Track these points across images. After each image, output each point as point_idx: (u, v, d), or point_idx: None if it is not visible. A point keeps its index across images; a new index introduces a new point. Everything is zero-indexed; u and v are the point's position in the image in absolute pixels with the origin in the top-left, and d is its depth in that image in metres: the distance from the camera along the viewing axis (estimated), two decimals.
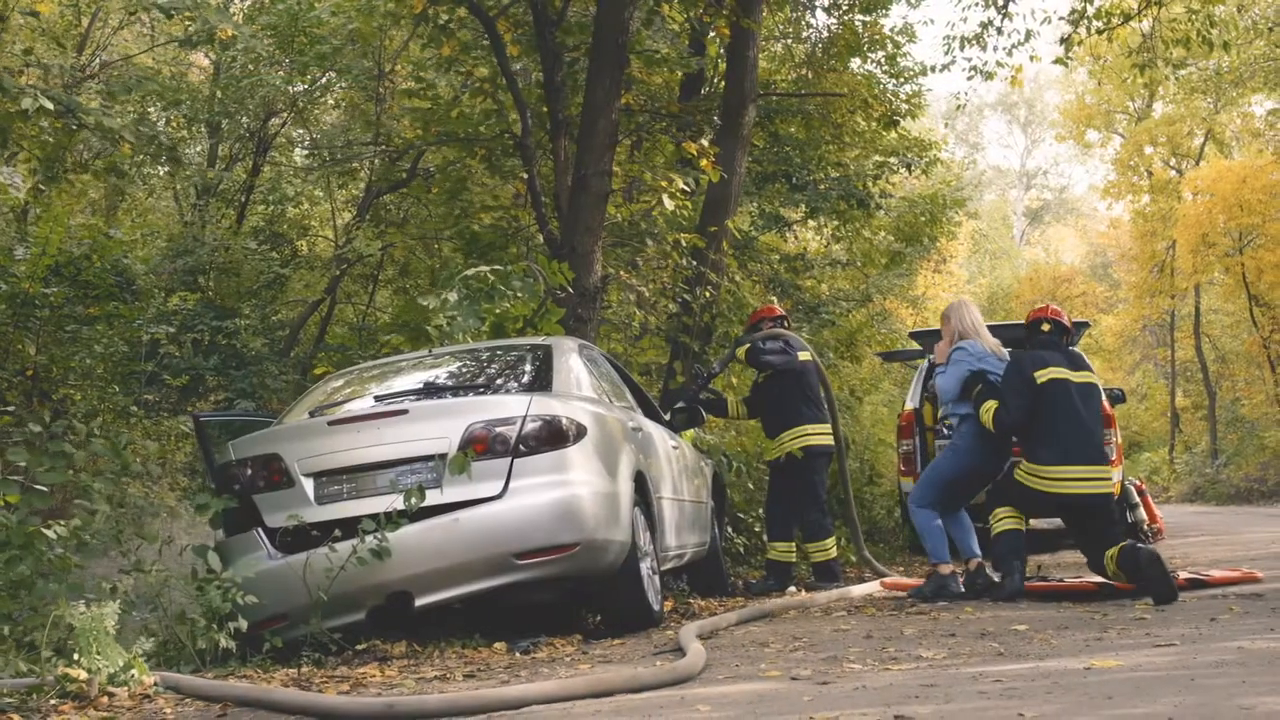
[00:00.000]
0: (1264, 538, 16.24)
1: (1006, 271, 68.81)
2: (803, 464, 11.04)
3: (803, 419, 11.05)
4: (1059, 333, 9.29)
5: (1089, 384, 8.97)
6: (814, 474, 11.11)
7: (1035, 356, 9.10)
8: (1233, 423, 44.19)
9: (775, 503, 11.40)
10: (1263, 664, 4.93)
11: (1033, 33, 18.25)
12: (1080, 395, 8.87)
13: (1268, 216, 40.38)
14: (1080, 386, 8.91)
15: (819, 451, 11.09)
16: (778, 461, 11.19)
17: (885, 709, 4.07)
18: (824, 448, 11.14)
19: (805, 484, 11.09)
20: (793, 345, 11.31)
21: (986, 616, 7.66)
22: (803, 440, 10.99)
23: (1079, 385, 8.92)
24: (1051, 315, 9.41)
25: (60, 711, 5.09)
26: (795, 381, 11.17)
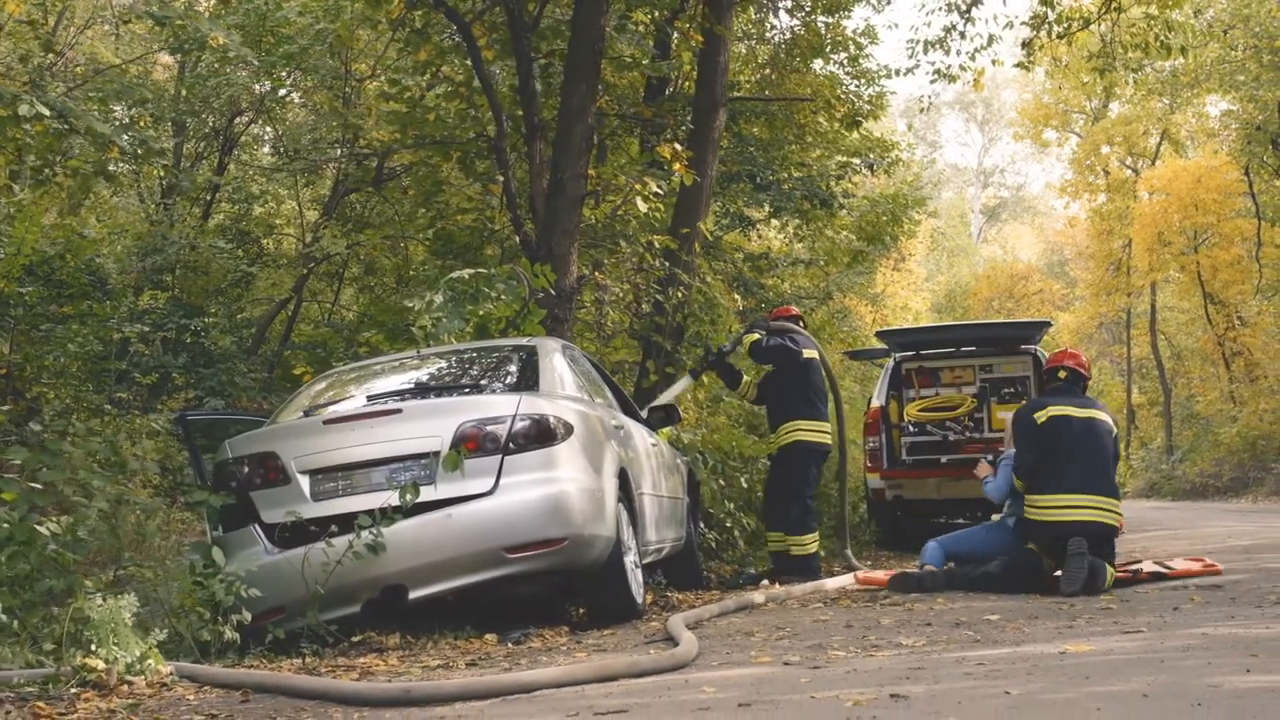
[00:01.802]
0: (1220, 532, 16.62)
1: (964, 269, 69.29)
2: (791, 459, 11.30)
3: (799, 414, 11.30)
4: (1075, 380, 9.51)
5: (1092, 419, 9.13)
6: (801, 469, 11.36)
7: (1036, 402, 9.48)
8: (1188, 419, 44.74)
9: (768, 494, 11.71)
10: (1226, 648, 5.23)
11: (995, 37, 18.53)
12: (1083, 429, 9.08)
13: (1222, 216, 40.96)
14: (1082, 421, 9.12)
15: (808, 448, 11.34)
16: (775, 454, 11.46)
17: (880, 689, 4.35)
18: (815, 444, 11.38)
19: (791, 478, 11.34)
20: (798, 343, 11.56)
21: (959, 607, 7.94)
22: (795, 435, 11.25)
23: (1081, 420, 9.14)
24: (1070, 363, 9.63)
25: (84, 699, 5.31)
26: (798, 378, 11.43)
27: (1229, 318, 42.16)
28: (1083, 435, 9.07)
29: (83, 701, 5.25)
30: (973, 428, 15.03)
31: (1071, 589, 8.42)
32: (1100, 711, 3.75)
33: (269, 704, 5.11)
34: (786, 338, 11.51)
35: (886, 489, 14.74)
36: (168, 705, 5.18)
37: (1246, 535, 15.32)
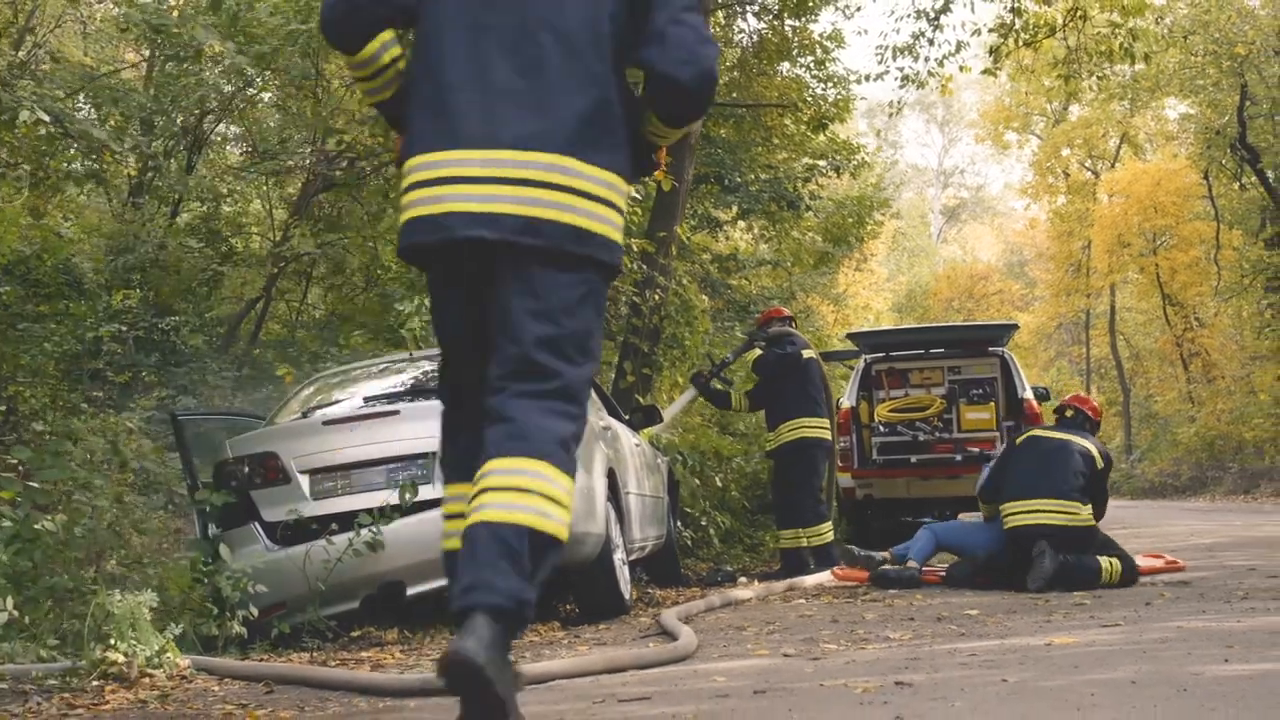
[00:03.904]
0: (1182, 530, 17.00)
1: (924, 269, 69.80)
2: (800, 454, 11.54)
3: (801, 413, 11.55)
4: (1080, 420, 9.84)
5: (1067, 441, 9.42)
6: (810, 463, 11.60)
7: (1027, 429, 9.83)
8: (1146, 419, 45.32)
9: (778, 493, 11.95)
10: (1202, 639, 5.51)
11: (963, 44, 18.87)
12: (1053, 446, 9.44)
13: (1180, 218, 41.51)
14: (1056, 441, 9.48)
15: (814, 442, 11.58)
16: (778, 453, 11.70)
17: (884, 677, 4.62)
18: (820, 439, 11.62)
19: (800, 472, 11.59)
20: (798, 344, 11.83)
21: (938, 602, 8.21)
22: (800, 432, 11.50)
23: (1055, 439, 9.52)
24: (1077, 404, 10.04)
25: (111, 691, 5.52)
26: (797, 378, 11.67)
27: (1187, 319, 42.74)
28: (1051, 451, 9.40)
29: (111, 693, 5.46)
30: (942, 428, 15.31)
31: (1034, 585, 8.70)
32: (1094, 697, 4.02)
33: (293, 694, 5.33)
34: (786, 343, 11.78)
35: (857, 488, 15.01)
36: (195, 696, 5.40)
37: (1208, 533, 15.70)
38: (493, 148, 3.75)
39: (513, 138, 3.75)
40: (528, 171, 3.72)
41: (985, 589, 9.00)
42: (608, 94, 3.83)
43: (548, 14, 3.83)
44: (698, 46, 3.81)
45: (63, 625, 6.72)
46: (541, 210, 3.71)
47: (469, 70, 3.83)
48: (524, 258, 3.74)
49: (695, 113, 4.04)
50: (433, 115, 3.85)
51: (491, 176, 3.73)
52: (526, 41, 3.82)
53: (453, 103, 3.82)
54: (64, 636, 6.62)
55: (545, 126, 3.76)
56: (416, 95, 3.92)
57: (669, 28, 3.80)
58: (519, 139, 3.75)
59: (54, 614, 6.82)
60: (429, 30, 3.92)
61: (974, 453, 14.79)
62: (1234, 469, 35.92)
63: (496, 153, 3.74)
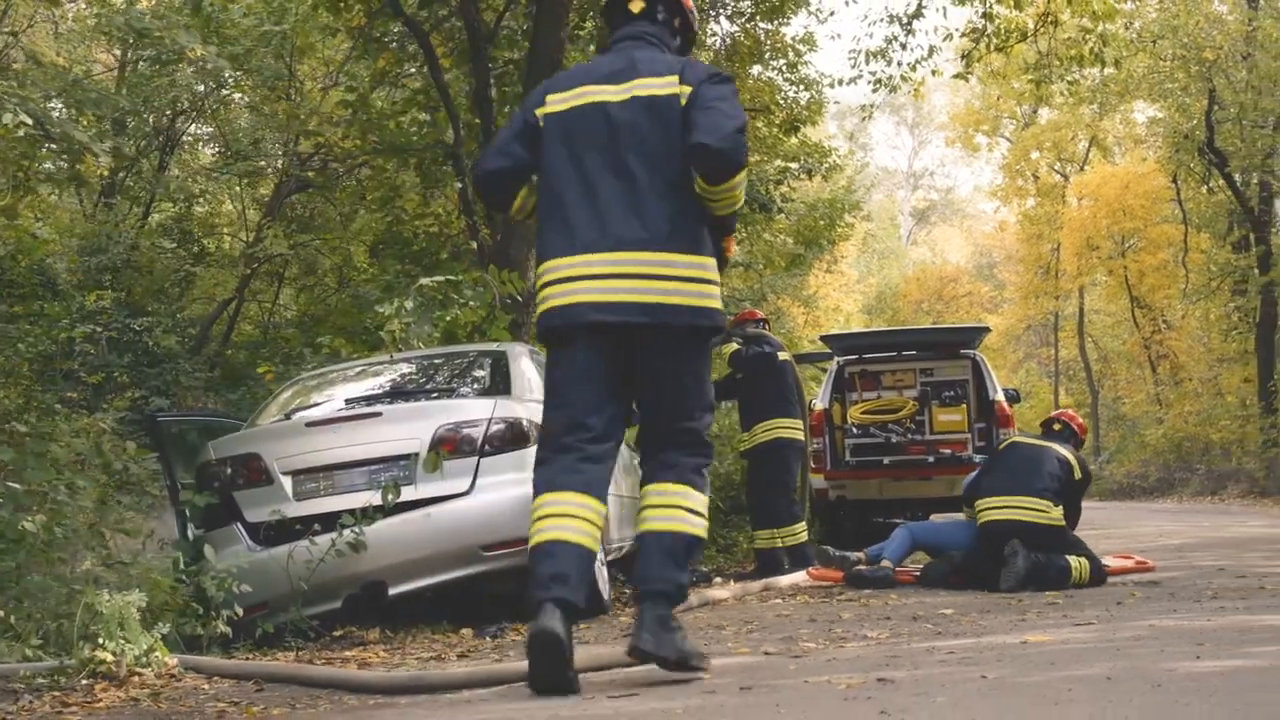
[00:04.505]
0: (1151, 530, 17.18)
1: (894, 271, 70.04)
2: (774, 454, 11.63)
3: (776, 413, 11.62)
4: (1067, 433, 10.10)
5: (1046, 448, 9.59)
6: (784, 463, 11.68)
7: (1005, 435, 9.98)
8: (1115, 421, 45.61)
9: (753, 493, 12.02)
10: (1174, 637, 5.63)
11: (936, 49, 19.01)
12: (1031, 450, 9.63)
13: (1149, 221, 41.82)
14: (1034, 446, 9.67)
15: (788, 443, 11.66)
16: (752, 453, 11.78)
17: (866, 674, 4.72)
18: (794, 440, 11.71)
19: (775, 473, 11.67)
20: (774, 345, 11.92)
21: (913, 602, 8.32)
22: (775, 433, 11.58)
23: (1033, 445, 9.72)
24: (1064, 418, 10.36)
25: (101, 690, 5.59)
26: (772, 379, 11.76)
27: (1155, 321, 43.06)
28: (1028, 454, 9.56)
29: (102, 691, 5.53)
30: (914, 430, 15.43)
31: (1007, 585, 8.82)
32: (1071, 692, 4.13)
33: (284, 692, 5.40)
34: (763, 343, 11.87)
35: (830, 489, 15.10)
36: (185, 694, 5.47)
37: (1176, 534, 15.87)
38: (604, 251, 4.98)
39: (617, 241, 4.98)
40: (631, 267, 4.96)
41: (959, 589, 9.11)
42: (686, 195, 5.05)
43: (631, 142, 5.07)
44: (722, 120, 4.95)
45: (46, 625, 6.77)
46: (645, 296, 4.95)
47: (581, 193, 5.05)
48: (642, 335, 4.98)
49: (727, 170, 4.97)
50: (558, 230, 5.07)
51: (605, 274, 4.95)
52: (620, 166, 5.06)
53: (571, 219, 5.04)
54: (47, 636, 6.68)
55: (641, 230, 5.00)
56: (545, 214, 5.16)
57: (699, 114, 5.00)
58: (622, 242, 4.98)
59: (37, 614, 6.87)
60: (549, 169, 5.16)
61: (946, 454, 14.93)
62: (1201, 470, 36.22)
63: (607, 255, 4.97)
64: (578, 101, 5.22)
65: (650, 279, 4.96)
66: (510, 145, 5.31)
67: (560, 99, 5.26)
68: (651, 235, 4.99)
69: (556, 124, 5.21)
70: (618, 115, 5.13)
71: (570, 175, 5.10)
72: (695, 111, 5.00)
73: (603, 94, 5.19)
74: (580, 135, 5.15)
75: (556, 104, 5.26)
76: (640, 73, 5.20)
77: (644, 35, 5.39)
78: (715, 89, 5.09)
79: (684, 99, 5.09)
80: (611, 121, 5.13)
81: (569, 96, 5.25)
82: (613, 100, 5.16)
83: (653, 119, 5.10)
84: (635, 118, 5.12)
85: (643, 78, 5.18)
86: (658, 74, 5.17)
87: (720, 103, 5.02)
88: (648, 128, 5.09)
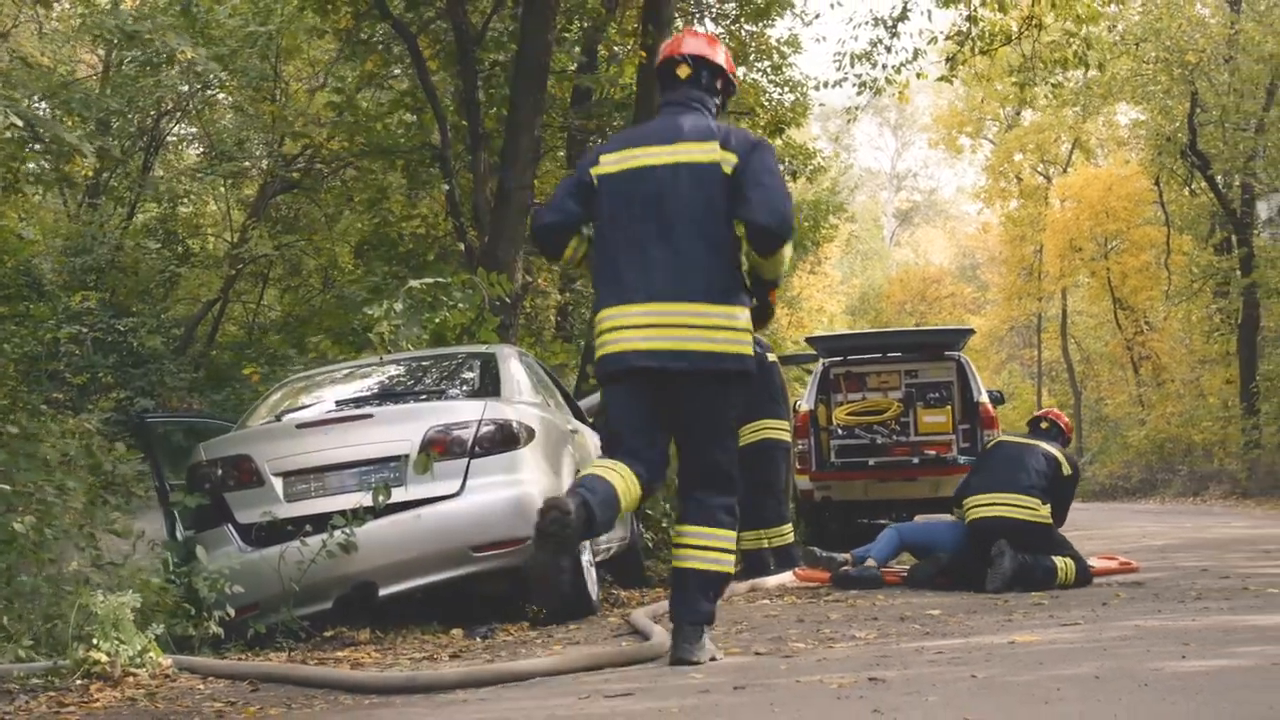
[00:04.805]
0: (1134, 532, 17.25)
1: (878, 272, 70.16)
2: (763, 455, 11.65)
3: (764, 414, 11.64)
4: (1054, 431, 10.20)
5: (1032, 445, 9.66)
6: (773, 464, 11.71)
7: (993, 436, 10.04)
8: (1097, 422, 45.75)
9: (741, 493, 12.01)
10: (1159, 638, 5.70)
11: (921, 52, 19.10)
12: (1017, 448, 9.71)
13: (1131, 223, 41.96)
14: (1021, 445, 9.75)
15: (776, 444, 11.68)
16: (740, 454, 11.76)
17: (857, 674, 4.78)
18: (782, 441, 11.74)
19: (763, 474, 11.70)
20: (762, 346, 11.95)
21: (900, 603, 8.37)
22: (763, 434, 11.61)
23: (1019, 443, 9.81)
24: (1051, 416, 10.48)
25: (97, 690, 5.63)
26: (760, 380, 11.76)
27: (1137, 323, 43.21)
28: (1015, 452, 9.63)
29: (98, 691, 5.57)
30: (899, 431, 15.51)
31: (993, 586, 8.88)
32: (1060, 691, 4.20)
33: (279, 692, 5.45)
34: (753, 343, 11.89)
35: (815, 490, 15.16)
36: (182, 694, 5.52)
37: (1160, 535, 15.95)
38: (651, 303, 5.67)
39: (662, 295, 5.67)
40: (674, 318, 5.65)
41: (946, 590, 9.17)
42: (723, 252, 5.71)
43: (676, 205, 5.70)
44: (773, 197, 5.62)
45: (37, 626, 6.80)
46: (685, 343, 5.64)
47: (630, 251, 5.75)
48: (680, 378, 5.67)
49: (776, 244, 5.70)
50: (612, 283, 5.80)
51: (651, 324, 5.66)
52: (665, 226, 5.70)
53: (623, 275, 5.76)
54: (38, 638, 6.71)
55: (684, 284, 5.66)
56: (599, 269, 5.89)
57: (753, 191, 5.62)
58: (666, 295, 5.66)
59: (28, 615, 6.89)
60: (603, 227, 5.86)
61: (930, 456, 15.00)
62: (1183, 471, 36.35)
63: (654, 306, 5.67)
64: (628, 164, 5.85)
65: (687, 328, 5.65)
66: (565, 202, 5.98)
67: (612, 160, 5.91)
68: (690, 289, 5.66)
69: (609, 185, 5.86)
70: (663, 178, 5.76)
71: (621, 234, 5.79)
72: (747, 185, 5.65)
73: (650, 158, 5.83)
74: (630, 197, 5.80)
75: (609, 165, 5.91)
76: (684, 138, 5.82)
77: (688, 101, 5.99)
78: (761, 159, 5.73)
79: (726, 166, 5.71)
80: (658, 184, 5.76)
81: (620, 158, 5.89)
82: (659, 164, 5.79)
83: (694, 183, 5.72)
84: (679, 181, 5.74)
85: (686, 143, 5.80)
86: (699, 140, 5.79)
87: (768, 176, 5.68)
88: (690, 191, 5.72)
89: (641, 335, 5.66)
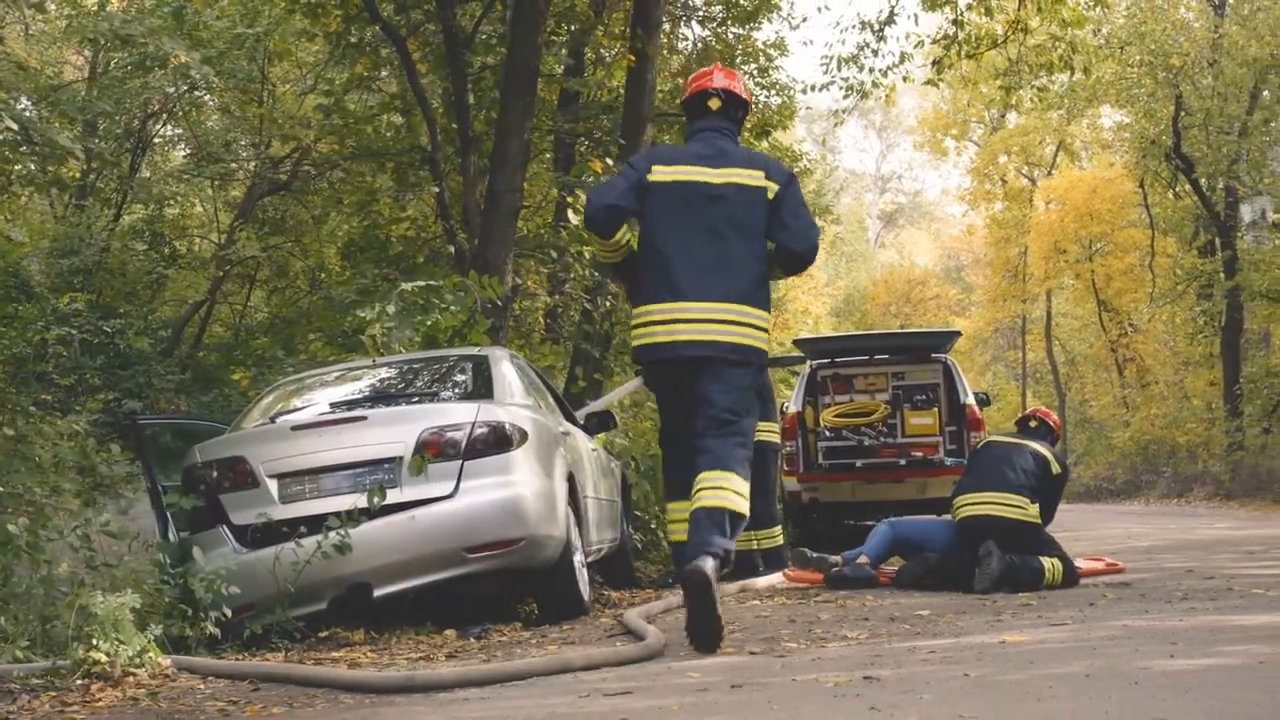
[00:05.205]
0: (1119, 533, 17.35)
1: (862, 274, 70.30)
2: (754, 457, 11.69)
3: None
4: (1044, 430, 10.20)
5: (1020, 445, 9.72)
6: (762, 466, 11.75)
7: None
8: (1082, 423, 45.90)
9: None
10: (1147, 638, 5.78)
11: (908, 56, 19.19)
12: (1007, 447, 9.77)
13: (1116, 225, 42.10)
14: (1010, 444, 9.80)
15: (765, 446, 11.73)
16: None
17: (851, 673, 4.86)
18: (770, 443, 11.79)
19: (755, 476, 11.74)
20: None
21: (889, 604, 8.44)
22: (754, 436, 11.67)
23: (1009, 443, 9.86)
24: (1040, 415, 10.46)
25: (98, 690, 5.68)
26: None
27: (1122, 325, 43.35)
28: (1004, 451, 9.69)
29: (99, 691, 5.62)
30: (886, 433, 15.60)
31: (981, 586, 8.96)
32: (1052, 689, 4.28)
33: (280, 692, 5.51)
34: None
35: (803, 492, 15.23)
36: (183, 694, 5.57)
37: (1145, 536, 16.04)
38: (700, 300, 6.55)
39: (710, 294, 6.54)
40: (720, 314, 6.55)
41: (934, 590, 9.24)
42: (762, 264, 6.69)
43: (725, 215, 6.62)
44: (808, 231, 6.72)
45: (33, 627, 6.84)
46: (726, 337, 6.56)
47: (681, 251, 6.59)
48: (715, 363, 6.57)
49: (803, 267, 6.87)
50: (660, 279, 6.63)
51: (701, 319, 6.53)
52: (714, 232, 6.60)
53: (673, 272, 6.58)
54: (34, 638, 6.75)
55: (729, 287, 6.58)
56: (646, 264, 6.71)
57: (791, 221, 6.67)
58: (714, 294, 6.54)
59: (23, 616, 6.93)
60: (653, 225, 6.69)
61: (917, 457, 15.09)
62: (1167, 473, 36.49)
63: (702, 304, 6.54)
64: (681, 177, 6.70)
65: (726, 323, 6.58)
66: (626, 192, 6.72)
67: (665, 171, 6.74)
68: (736, 289, 6.58)
69: (662, 193, 6.69)
70: (716, 193, 6.66)
71: (672, 237, 6.62)
72: (785, 213, 6.67)
73: (702, 175, 6.71)
74: (683, 206, 6.64)
75: (662, 175, 6.73)
76: (732, 162, 6.76)
77: (720, 128, 6.95)
78: (797, 192, 6.79)
79: (770, 192, 6.67)
80: (711, 198, 6.65)
81: (673, 171, 6.73)
82: (713, 181, 6.68)
83: (743, 200, 6.66)
84: (730, 198, 6.66)
85: (736, 167, 6.74)
86: (748, 167, 6.75)
87: (802, 209, 6.77)
88: (739, 207, 6.66)
89: (692, 329, 6.54)
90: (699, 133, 6.97)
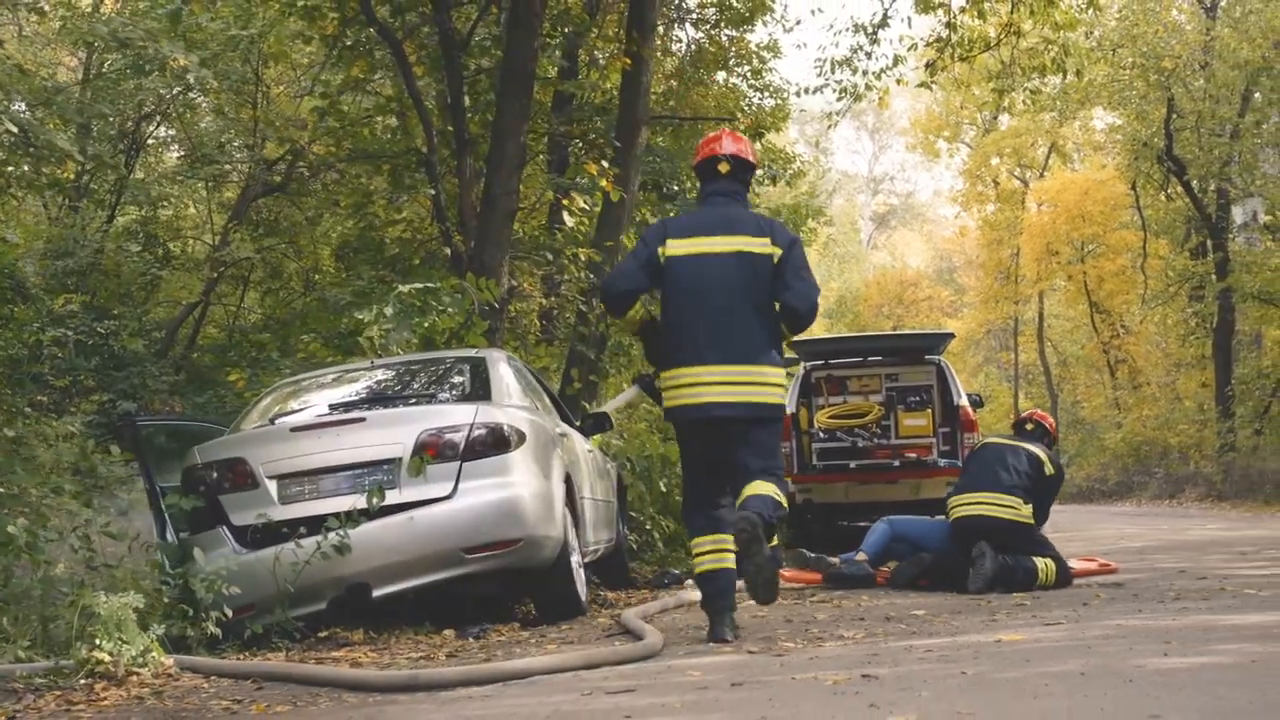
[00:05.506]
0: (1112, 534, 17.44)
1: (855, 275, 70.30)
2: None
3: None
4: (1040, 432, 10.35)
5: (1016, 446, 9.82)
6: None
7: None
8: (1074, 424, 45.96)
9: None
10: (1141, 636, 5.85)
11: (901, 58, 19.27)
12: (1003, 448, 9.87)
13: (1108, 227, 42.16)
14: (1006, 446, 9.90)
15: None
16: None
17: (850, 671, 4.92)
18: None
19: None
20: None
21: (884, 604, 8.51)
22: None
23: (1004, 445, 9.95)
24: (1036, 418, 10.64)
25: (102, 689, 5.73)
26: None
27: (1114, 326, 43.44)
28: (999, 452, 9.78)
29: (103, 690, 5.67)
30: (880, 434, 15.63)
31: (974, 587, 9.02)
32: (1048, 686, 4.34)
33: (283, 691, 5.56)
34: None
35: (797, 493, 15.24)
36: (187, 693, 5.62)
37: (1137, 537, 16.13)
38: (719, 364, 7.01)
39: (727, 357, 7.01)
40: (739, 377, 7.00)
41: (928, 590, 9.31)
42: (770, 323, 7.10)
43: (736, 284, 7.06)
44: (810, 291, 7.09)
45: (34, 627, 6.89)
46: (747, 397, 6.98)
47: (698, 318, 7.07)
48: (740, 424, 7.00)
49: (806, 326, 7.23)
50: (682, 345, 7.12)
51: (722, 381, 7.00)
52: (726, 298, 7.05)
53: (693, 339, 7.07)
54: (35, 638, 6.80)
55: (742, 348, 7.03)
56: (668, 331, 7.22)
57: (794, 282, 7.06)
58: (729, 358, 7.01)
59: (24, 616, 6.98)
60: (671, 295, 7.20)
61: (911, 458, 15.13)
62: (1159, 474, 36.58)
63: (721, 367, 7.01)
64: (696, 249, 7.17)
65: (746, 384, 7.02)
66: (637, 273, 7.23)
67: (680, 245, 7.20)
68: (748, 352, 7.03)
69: (680, 265, 7.18)
70: (727, 263, 7.11)
71: (690, 307, 7.11)
72: (789, 275, 7.08)
73: (714, 245, 7.17)
74: (699, 276, 7.11)
75: (678, 248, 7.20)
76: (738, 230, 7.19)
77: (731, 193, 7.39)
78: (800, 254, 7.20)
79: (775, 257, 7.09)
80: (722, 268, 7.10)
81: (689, 244, 7.19)
82: (723, 251, 7.14)
83: (751, 268, 7.09)
84: (740, 266, 7.10)
85: (743, 235, 7.16)
86: (753, 234, 7.17)
87: (805, 271, 7.16)
88: (749, 275, 7.09)
89: (716, 391, 7.00)
90: (710, 196, 7.41)
